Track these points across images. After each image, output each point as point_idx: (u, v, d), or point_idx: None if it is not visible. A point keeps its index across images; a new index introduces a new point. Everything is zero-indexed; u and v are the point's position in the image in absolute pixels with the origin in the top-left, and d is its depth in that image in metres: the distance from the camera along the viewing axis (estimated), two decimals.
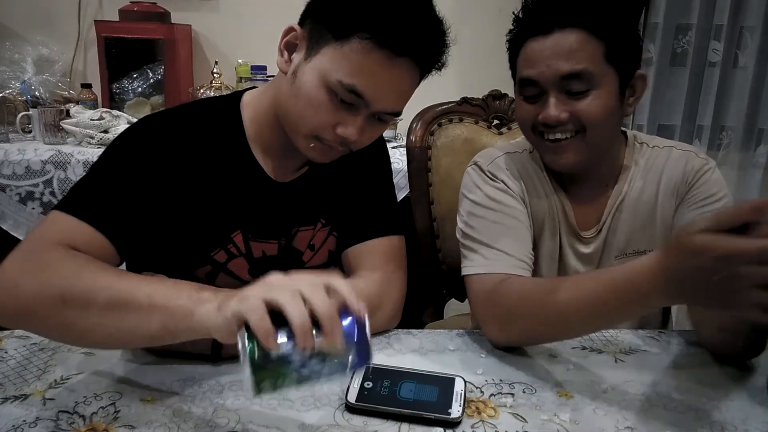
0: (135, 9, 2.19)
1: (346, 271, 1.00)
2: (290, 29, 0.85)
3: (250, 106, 0.93)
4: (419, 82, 0.87)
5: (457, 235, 1.03)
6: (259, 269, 0.96)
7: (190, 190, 0.87)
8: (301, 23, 0.85)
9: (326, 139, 0.84)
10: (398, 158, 1.85)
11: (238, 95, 0.95)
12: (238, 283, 0.94)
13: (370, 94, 0.80)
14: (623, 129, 1.06)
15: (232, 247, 0.93)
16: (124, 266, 0.88)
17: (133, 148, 0.85)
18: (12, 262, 0.73)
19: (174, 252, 0.90)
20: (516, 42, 0.95)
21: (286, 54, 0.85)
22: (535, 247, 1.02)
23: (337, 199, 1.00)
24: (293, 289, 0.56)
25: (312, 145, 0.86)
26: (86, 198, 0.80)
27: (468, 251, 0.98)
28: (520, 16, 0.94)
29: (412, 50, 0.80)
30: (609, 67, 0.90)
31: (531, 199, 1.03)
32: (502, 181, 1.01)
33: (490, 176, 1.02)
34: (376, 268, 0.96)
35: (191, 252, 0.92)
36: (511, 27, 0.96)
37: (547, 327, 0.84)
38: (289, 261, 0.99)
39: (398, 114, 0.87)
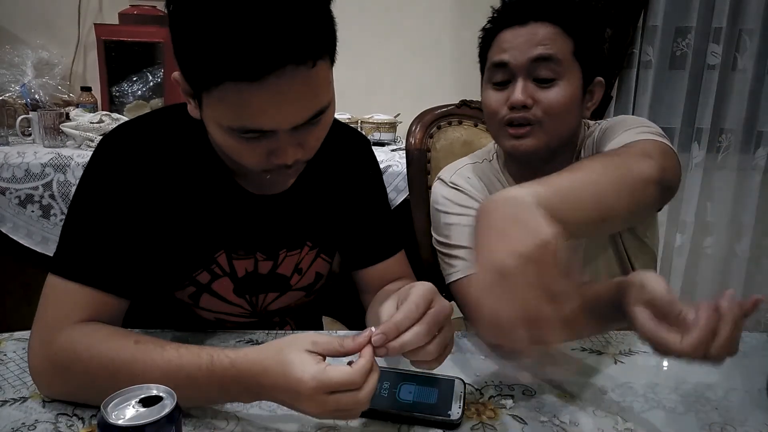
0: (135, 12, 2.19)
1: (364, 290, 1.03)
2: (174, 80, 0.76)
3: None
4: (321, 68, 0.69)
5: (435, 247, 1.07)
6: (244, 289, 0.94)
7: (167, 212, 0.84)
8: None
9: (272, 169, 0.77)
10: (397, 161, 1.86)
11: None
12: (223, 303, 0.93)
13: (265, 125, 0.69)
14: None
15: (216, 267, 0.90)
16: None
17: (107, 181, 0.79)
18: (37, 358, 0.72)
19: (156, 275, 0.86)
20: (490, 33, 1.01)
21: (191, 100, 0.76)
22: None
23: (325, 219, 0.98)
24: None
25: (268, 177, 0.79)
26: (82, 257, 0.76)
27: (448, 258, 1.02)
28: (499, 9, 1.00)
29: (272, 65, 0.64)
30: (576, 63, 0.96)
31: None
32: (467, 190, 1.07)
33: (454, 186, 1.08)
34: (402, 281, 0.99)
35: (173, 274, 0.89)
36: (487, 21, 1.02)
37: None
38: (276, 284, 0.97)
39: (321, 113, 0.73)
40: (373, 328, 0.64)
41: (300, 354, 0.62)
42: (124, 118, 2.00)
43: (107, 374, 0.68)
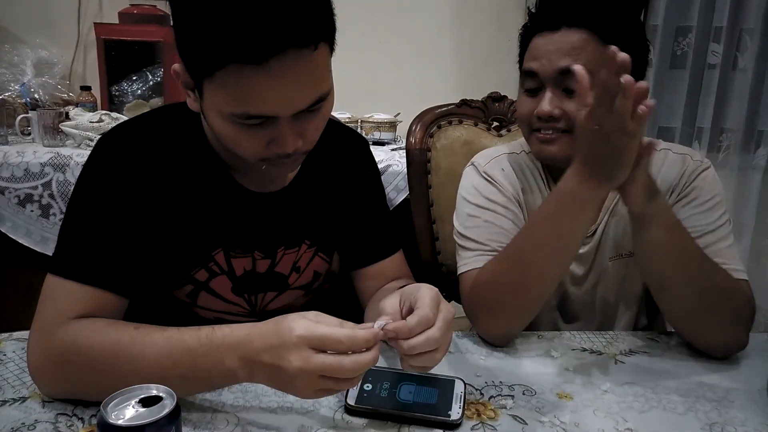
0: (134, 11, 2.19)
1: (362, 290, 1.03)
2: (174, 72, 0.76)
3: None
4: (321, 53, 0.70)
5: (454, 236, 1.05)
6: (242, 288, 0.94)
7: (165, 210, 0.83)
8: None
9: (271, 158, 0.76)
10: (397, 160, 1.85)
11: None
12: (221, 302, 0.93)
13: (268, 110, 0.70)
14: None
15: (214, 266, 0.89)
16: None
17: (105, 180, 0.79)
18: (36, 355, 0.72)
19: (154, 273, 0.86)
20: (526, 36, 0.98)
21: (190, 93, 0.76)
22: None
23: (322, 218, 0.98)
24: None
25: (264, 167, 0.79)
26: (81, 256, 0.76)
27: (462, 250, 1.01)
28: (533, 11, 0.97)
29: (275, 47, 0.65)
30: None
31: (527, 199, 1.06)
32: (498, 182, 1.04)
33: (486, 177, 1.05)
34: (400, 281, 0.99)
35: (171, 272, 0.89)
36: (524, 23, 0.98)
37: (524, 280, 0.88)
38: (275, 283, 0.97)
39: (321, 100, 0.73)
40: (383, 321, 0.66)
41: (300, 316, 0.65)
42: (123, 118, 2.00)
43: (108, 358, 0.68)
